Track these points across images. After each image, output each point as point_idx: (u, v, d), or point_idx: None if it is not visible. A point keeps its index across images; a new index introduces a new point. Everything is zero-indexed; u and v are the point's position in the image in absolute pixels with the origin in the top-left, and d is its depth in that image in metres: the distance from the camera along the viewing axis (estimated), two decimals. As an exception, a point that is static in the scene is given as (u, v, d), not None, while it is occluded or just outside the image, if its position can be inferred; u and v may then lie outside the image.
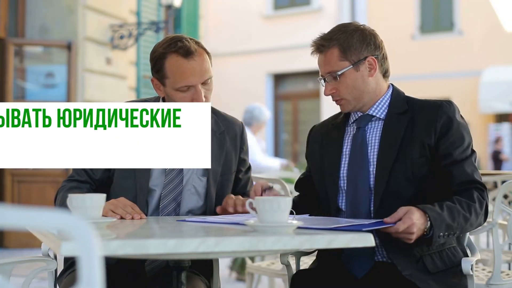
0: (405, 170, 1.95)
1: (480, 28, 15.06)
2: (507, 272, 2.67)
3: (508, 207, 2.48)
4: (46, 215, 0.86)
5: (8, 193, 6.97)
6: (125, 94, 8.03)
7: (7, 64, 7.05)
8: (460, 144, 1.96)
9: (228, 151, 2.24)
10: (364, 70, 2.02)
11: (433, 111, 1.98)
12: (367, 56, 2.02)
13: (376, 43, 2.05)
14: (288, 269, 2.22)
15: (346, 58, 2.01)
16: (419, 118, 1.99)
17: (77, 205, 1.64)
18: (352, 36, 2.02)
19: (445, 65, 15.14)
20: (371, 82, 2.04)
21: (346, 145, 2.09)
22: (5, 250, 6.72)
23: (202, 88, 2.10)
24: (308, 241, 1.53)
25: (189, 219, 1.90)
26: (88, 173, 2.15)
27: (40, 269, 1.91)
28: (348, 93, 2.03)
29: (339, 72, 2.01)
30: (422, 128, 1.97)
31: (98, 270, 0.85)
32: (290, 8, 15.67)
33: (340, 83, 2.02)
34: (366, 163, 2.01)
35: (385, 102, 2.06)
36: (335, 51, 2.01)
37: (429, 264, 1.92)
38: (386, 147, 1.99)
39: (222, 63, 15.52)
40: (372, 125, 2.06)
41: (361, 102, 2.05)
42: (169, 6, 8.57)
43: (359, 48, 2.01)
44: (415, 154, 1.96)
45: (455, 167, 1.94)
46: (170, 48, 2.09)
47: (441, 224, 1.81)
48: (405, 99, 2.07)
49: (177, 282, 1.74)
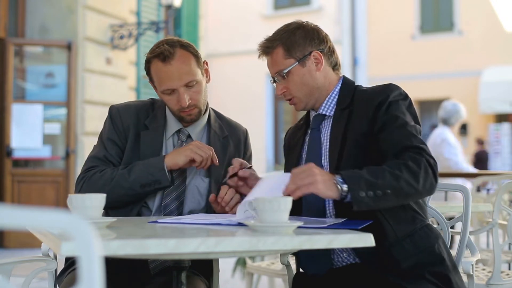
0: (349, 164, 1.87)
1: (480, 28, 15.06)
2: (507, 272, 2.67)
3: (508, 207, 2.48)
4: (46, 215, 0.86)
5: (8, 193, 6.97)
6: (125, 94, 8.03)
7: (7, 64, 7.06)
8: (393, 122, 1.86)
9: (231, 156, 2.25)
10: (310, 65, 2.01)
11: (370, 99, 1.92)
12: (312, 51, 2.01)
13: (320, 37, 2.04)
14: (288, 269, 2.22)
15: (291, 56, 2.01)
16: (357, 109, 1.95)
17: (77, 205, 1.65)
18: (294, 34, 2.02)
19: (445, 65, 15.14)
20: (319, 76, 2.02)
21: (304, 147, 2.08)
22: (5, 250, 6.72)
23: (186, 91, 2.12)
24: (308, 241, 1.53)
25: (161, 220, 1.85)
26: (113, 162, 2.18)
27: (40, 269, 1.91)
28: (298, 90, 2.02)
29: (285, 70, 2.01)
30: (359, 118, 1.92)
31: (98, 270, 0.85)
32: (290, 8, 15.68)
33: (289, 81, 2.02)
34: (319, 164, 1.96)
35: (333, 99, 2.04)
36: (280, 51, 2.02)
37: (398, 253, 1.83)
38: (332, 146, 1.96)
39: (222, 63, 15.53)
40: (325, 124, 2.04)
41: (313, 99, 2.03)
42: (169, 6, 8.57)
43: (302, 44, 2.01)
44: (355, 148, 1.90)
45: (387, 141, 1.84)
46: (152, 53, 2.15)
47: (359, 180, 1.69)
48: (352, 92, 2.01)
49: (177, 282, 1.74)
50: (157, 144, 2.19)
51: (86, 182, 2.10)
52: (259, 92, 15.66)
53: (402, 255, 1.83)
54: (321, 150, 2.01)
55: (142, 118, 2.22)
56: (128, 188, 2.06)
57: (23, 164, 7.51)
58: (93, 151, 2.22)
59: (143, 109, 2.24)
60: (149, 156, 2.16)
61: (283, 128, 15.84)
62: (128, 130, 2.19)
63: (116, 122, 2.21)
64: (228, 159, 2.23)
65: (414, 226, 1.87)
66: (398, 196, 1.74)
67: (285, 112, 15.95)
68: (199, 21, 10.92)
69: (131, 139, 2.19)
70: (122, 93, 7.94)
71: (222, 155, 2.22)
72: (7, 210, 0.85)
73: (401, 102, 1.91)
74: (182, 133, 2.22)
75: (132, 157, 2.16)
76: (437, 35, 15.29)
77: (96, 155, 2.19)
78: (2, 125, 7.05)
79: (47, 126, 7.42)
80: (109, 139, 2.20)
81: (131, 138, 2.19)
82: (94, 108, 7.55)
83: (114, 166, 2.16)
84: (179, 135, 2.22)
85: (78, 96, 7.42)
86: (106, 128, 2.23)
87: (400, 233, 1.84)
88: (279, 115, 15.94)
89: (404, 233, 1.85)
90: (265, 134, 15.43)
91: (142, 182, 2.07)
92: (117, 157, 2.18)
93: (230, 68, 15.68)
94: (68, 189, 7.13)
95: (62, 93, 7.41)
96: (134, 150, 2.17)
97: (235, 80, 15.71)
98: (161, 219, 1.90)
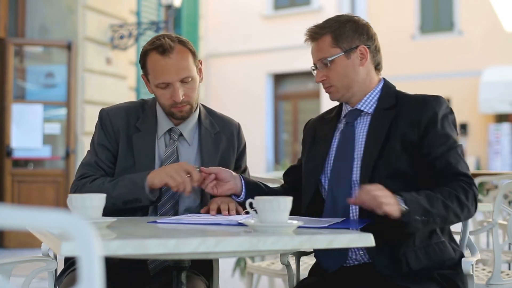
0: (388, 167, 1.93)
1: (480, 28, 15.06)
2: (507, 272, 2.67)
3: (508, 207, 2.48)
4: (46, 215, 0.86)
5: (8, 193, 6.97)
6: (125, 94, 8.03)
7: (7, 64, 7.05)
8: (445, 140, 1.93)
9: (224, 151, 2.25)
10: (355, 58, 2.03)
11: (419, 107, 1.97)
12: (359, 45, 2.03)
13: (369, 34, 2.06)
14: (288, 269, 2.22)
15: (337, 45, 2.03)
16: (404, 113, 1.98)
17: (77, 205, 1.65)
18: (345, 25, 2.04)
19: (445, 65, 15.14)
20: (361, 71, 2.04)
21: (335, 140, 2.09)
22: (5, 250, 6.72)
23: (181, 87, 2.13)
24: (308, 241, 1.53)
25: (160, 221, 1.84)
26: (103, 168, 2.17)
27: (40, 269, 1.91)
28: (338, 80, 2.03)
29: (329, 58, 2.02)
30: (407, 123, 1.96)
31: (98, 270, 0.85)
32: (290, 8, 15.67)
33: (330, 70, 2.03)
34: (351, 159, 2.00)
35: (374, 97, 2.06)
36: (328, 38, 2.04)
37: (412, 260, 1.89)
38: (370, 143, 1.98)
39: (222, 63, 15.53)
40: (361, 120, 2.06)
41: (350, 91, 2.05)
42: (169, 6, 8.57)
43: (351, 37, 2.03)
44: (397, 151, 1.93)
45: (438, 160, 1.91)
46: (151, 46, 2.15)
47: (418, 206, 1.77)
48: (395, 93, 2.06)
49: (177, 282, 1.74)
50: (149, 145, 2.19)
51: (77, 192, 2.11)
52: (259, 92, 15.66)
53: (415, 261, 1.90)
54: (354, 144, 2.02)
55: (133, 120, 2.22)
56: (112, 203, 2.00)
57: (23, 164, 7.51)
58: (85, 158, 2.24)
59: (133, 111, 2.24)
60: (143, 158, 2.16)
61: (283, 128, 15.84)
62: (118, 134, 2.19)
63: (106, 126, 2.21)
64: (221, 154, 2.24)
65: (430, 241, 1.94)
66: (444, 223, 1.88)
67: (285, 112, 15.95)
68: (199, 21, 10.92)
69: (123, 143, 2.18)
70: (122, 93, 7.93)
71: (214, 151, 2.23)
72: (7, 210, 0.85)
73: (449, 116, 1.98)
74: (173, 132, 2.22)
75: (127, 161, 2.16)
76: (437, 35, 15.29)
77: (87, 161, 2.20)
78: (2, 125, 7.05)
79: (47, 126, 7.42)
80: (100, 144, 2.20)
81: (123, 141, 2.18)
82: (94, 108, 7.55)
83: (105, 171, 2.17)
84: (171, 134, 2.22)
85: (78, 96, 7.42)
86: (97, 133, 2.24)
87: (417, 242, 1.91)
88: (279, 115, 15.93)
89: (420, 243, 1.92)
90: (265, 134, 15.43)
91: (123, 199, 2.06)
92: (107, 161, 2.18)
93: (230, 68, 15.68)
94: (68, 189, 7.11)
95: (62, 93, 7.40)
96: (128, 154, 2.17)
97: (235, 80, 15.71)
98: (160, 219, 1.90)
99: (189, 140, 2.24)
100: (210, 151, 2.21)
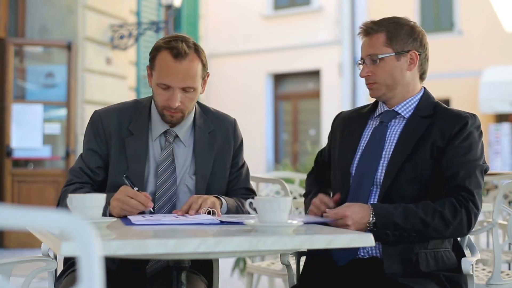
0: (414, 170, 1.97)
1: (480, 28, 15.05)
2: (507, 272, 2.67)
3: (508, 207, 2.48)
4: (46, 215, 0.86)
5: (8, 193, 6.96)
6: (125, 94, 8.03)
7: (7, 64, 7.05)
8: (467, 152, 1.96)
9: (219, 149, 2.24)
10: (404, 62, 2.06)
11: (454, 120, 2.01)
12: (411, 50, 2.07)
13: (422, 42, 2.10)
14: (288, 269, 2.22)
15: (390, 45, 2.06)
16: (440, 124, 2.02)
17: (77, 205, 1.65)
18: (401, 28, 2.08)
19: (445, 65, 15.13)
20: (407, 76, 2.08)
21: (365, 137, 2.12)
22: (5, 250, 6.72)
23: (181, 94, 2.10)
24: (308, 241, 1.53)
25: (138, 222, 1.79)
26: (88, 174, 2.16)
27: (40, 269, 1.91)
28: (384, 79, 2.06)
29: (380, 56, 2.05)
30: (440, 134, 2.00)
31: (98, 270, 0.85)
32: (290, 8, 15.66)
33: (378, 67, 2.06)
34: (378, 158, 2.04)
35: (413, 103, 2.10)
36: (382, 36, 2.07)
37: (423, 262, 1.93)
38: (401, 146, 2.02)
39: (222, 63, 15.51)
40: (395, 122, 2.10)
41: (392, 92, 2.08)
42: (169, 6, 8.57)
43: (405, 40, 2.07)
44: (426, 155, 1.98)
45: (449, 170, 1.95)
46: (166, 44, 2.11)
47: (387, 221, 1.86)
48: (433, 104, 2.10)
49: (177, 282, 1.74)
50: (142, 148, 2.16)
51: (62, 200, 2.11)
52: (259, 92, 15.65)
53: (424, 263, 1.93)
54: (384, 144, 2.06)
55: (125, 123, 2.18)
56: None
57: (23, 164, 7.51)
58: (74, 162, 2.23)
59: (125, 113, 2.21)
60: (137, 162, 2.13)
61: (283, 128, 15.83)
62: (110, 138, 2.17)
63: (97, 129, 2.18)
64: (216, 153, 2.22)
65: (440, 246, 1.99)
66: (423, 238, 1.92)
67: (285, 112, 15.94)
68: (199, 21, 10.92)
69: (115, 147, 2.16)
70: (122, 93, 7.93)
71: (209, 150, 2.21)
72: (7, 210, 0.85)
73: (478, 133, 2.02)
74: (169, 134, 2.19)
75: (120, 166, 2.13)
76: (437, 35, 15.28)
77: (74, 167, 2.19)
78: (2, 125, 7.05)
79: (47, 126, 7.42)
80: (89, 149, 2.18)
81: (115, 146, 2.16)
82: (94, 108, 7.50)
83: (91, 178, 2.15)
84: (166, 136, 2.19)
85: (78, 96, 7.42)
86: (86, 137, 2.21)
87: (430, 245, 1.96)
88: (279, 115, 15.92)
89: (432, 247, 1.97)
90: (265, 134, 15.42)
91: None
92: (94, 167, 2.16)
93: (230, 68, 15.67)
94: (68, 189, 7.11)
95: (62, 93, 7.40)
96: (121, 158, 2.15)
97: (235, 80, 15.70)
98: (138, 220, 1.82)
99: (185, 141, 2.21)
100: (205, 152, 2.20)
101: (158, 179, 2.15)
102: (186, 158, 2.20)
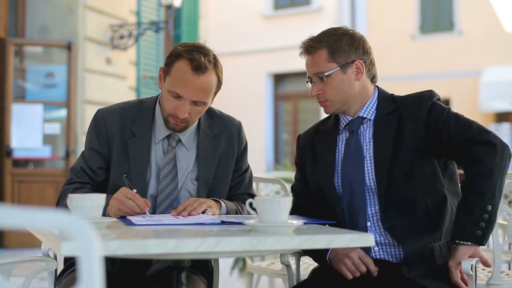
0: (404, 166, 1.97)
1: (480, 28, 15.05)
2: (507, 272, 2.66)
3: (508, 207, 2.48)
4: (46, 215, 0.86)
5: (8, 193, 6.97)
6: (125, 94, 8.03)
7: (7, 64, 7.05)
8: (451, 118, 1.98)
9: (223, 154, 2.22)
10: (351, 73, 2.05)
11: (417, 104, 2.01)
12: (355, 60, 2.04)
13: (364, 48, 2.07)
14: (288, 269, 2.22)
15: (334, 60, 2.03)
16: (406, 113, 2.02)
17: (77, 205, 1.65)
18: (341, 39, 2.05)
19: (445, 65, 15.13)
20: (356, 86, 2.06)
21: (340, 151, 2.09)
22: (5, 250, 6.72)
23: (190, 106, 2.08)
24: (308, 241, 1.53)
25: (139, 222, 1.78)
26: (89, 174, 2.15)
27: (40, 269, 1.91)
28: (334, 95, 2.05)
29: (326, 73, 2.03)
30: (412, 122, 2.00)
31: (98, 270, 0.85)
32: (290, 8, 15.66)
33: (326, 85, 2.05)
34: (362, 166, 2.02)
35: (373, 104, 2.09)
36: (324, 53, 2.04)
37: (438, 255, 1.94)
38: (380, 148, 2.01)
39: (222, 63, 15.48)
40: (364, 127, 2.08)
41: (346, 105, 2.07)
42: (169, 6, 8.56)
43: (347, 51, 2.04)
44: (409, 148, 1.98)
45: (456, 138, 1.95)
46: (187, 53, 2.06)
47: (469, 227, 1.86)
48: (391, 98, 2.10)
49: (177, 282, 1.74)
50: (145, 151, 2.14)
51: (62, 199, 2.11)
52: (259, 92, 15.65)
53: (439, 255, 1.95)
54: (362, 151, 2.04)
55: (128, 123, 2.16)
56: None
57: (23, 164, 7.51)
58: (76, 161, 2.22)
59: (128, 113, 2.18)
60: (139, 164, 2.12)
61: (283, 128, 15.83)
62: (112, 138, 2.15)
63: (100, 128, 2.17)
64: (220, 156, 2.20)
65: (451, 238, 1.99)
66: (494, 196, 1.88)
67: (285, 112, 15.94)
68: (199, 21, 10.91)
69: (117, 148, 2.14)
70: (122, 93, 7.93)
71: (213, 154, 2.20)
72: (7, 210, 0.85)
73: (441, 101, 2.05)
74: (172, 138, 2.17)
75: (122, 167, 2.12)
76: (437, 35, 15.28)
77: (75, 166, 2.19)
78: (2, 125, 7.05)
79: (47, 126, 7.42)
80: (91, 148, 2.17)
81: (117, 146, 2.14)
82: (94, 108, 7.50)
83: (91, 178, 2.15)
84: (169, 140, 2.17)
85: (78, 96, 7.42)
86: (89, 135, 2.20)
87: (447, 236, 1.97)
88: (279, 115, 15.93)
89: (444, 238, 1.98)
90: (265, 134, 15.42)
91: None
92: (96, 167, 2.15)
93: (230, 68, 15.64)
94: (68, 189, 7.11)
95: (62, 93, 7.40)
96: (123, 160, 2.13)
97: (235, 80, 15.70)
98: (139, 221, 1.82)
99: (188, 146, 2.19)
100: (208, 156, 2.18)
101: (160, 183, 2.13)
102: (188, 163, 2.18)
